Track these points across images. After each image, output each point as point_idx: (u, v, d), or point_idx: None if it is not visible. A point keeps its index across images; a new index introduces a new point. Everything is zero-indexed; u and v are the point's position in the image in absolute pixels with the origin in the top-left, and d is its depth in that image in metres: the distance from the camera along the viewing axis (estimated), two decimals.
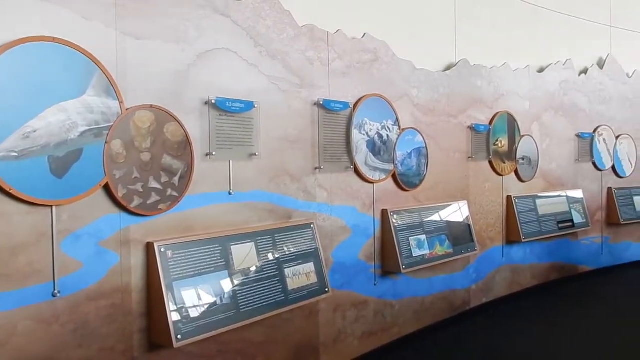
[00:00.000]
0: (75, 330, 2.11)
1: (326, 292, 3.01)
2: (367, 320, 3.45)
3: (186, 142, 2.45)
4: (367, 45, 3.45)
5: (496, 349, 3.71)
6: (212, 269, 2.50)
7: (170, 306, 2.28)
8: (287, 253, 2.86)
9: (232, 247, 2.61)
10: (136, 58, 2.30)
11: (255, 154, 2.76)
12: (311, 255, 2.98)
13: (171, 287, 2.31)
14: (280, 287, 2.77)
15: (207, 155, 2.56)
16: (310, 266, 2.96)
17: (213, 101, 2.56)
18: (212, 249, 2.52)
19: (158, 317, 2.30)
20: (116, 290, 2.24)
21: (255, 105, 2.74)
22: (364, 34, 3.45)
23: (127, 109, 2.24)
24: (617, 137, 5.74)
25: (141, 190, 2.29)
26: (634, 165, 5.96)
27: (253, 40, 2.79)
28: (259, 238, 2.75)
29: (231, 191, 2.68)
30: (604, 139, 5.60)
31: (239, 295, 2.57)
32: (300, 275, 2.89)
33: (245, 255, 2.66)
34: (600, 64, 5.64)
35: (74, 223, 2.10)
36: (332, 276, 3.18)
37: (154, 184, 2.34)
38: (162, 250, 2.33)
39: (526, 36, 4.90)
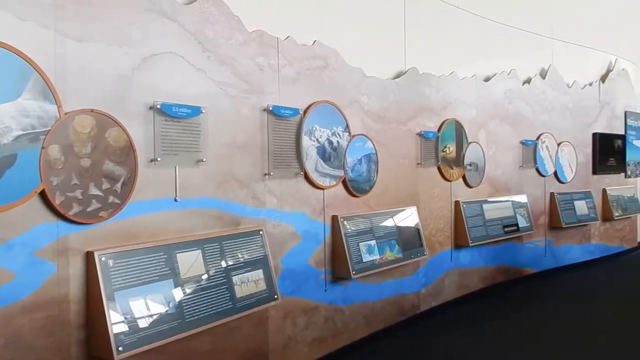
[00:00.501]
0: (7, 345, 2.00)
1: (275, 299, 2.99)
2: (317, 327, 3.45)
3: (129, 148, 2.39)
4: (318, 52, 3.47)
5: (446, 352, 3.78)
6: (156, 278, 2.44)
7: (111, 317, 2.21)
8: (235, 260, 2.82)
9: (177, 255, 2.55)
10: (77, 61, 2.23)
11: (202, 160, 2.72)
12: (260, 262, 2.95)
13: (112, 297, 2.24)
14: (228, 295, 2.73)
15: (151, 161, 2.50)
16: (259, 273, 2.93)
17: (158, 106, 2.51)
18: (156, 258, 2.46)
19: (98, 329, 2.23)
20: (52, 301, 2.15)
21: (203, 111, 2.70)
22: (315, 41, 3.46)
23: (65, 113, 2.16)
24: (558, 145, 5.98)
25: (80, 197, 2.21)
26: (574, 171, 6.22)
27: (201, 44, 2.75)
28: (206, 245, 2.71)
29: (177, 198, 2.63)
30: (547, 146, 5.82)
31: (184, 304, 2.52)
32: (248, 283, 2.86)
33: (191, 263, 2.61)
34: (543, 74, 5.88)
35: (6, 232, 2.01)
36: (281, 283, 3.16)
37: (94, 191, 2.26)
38: (103, 259, 2.25)
39: (473, 46, 5.04)
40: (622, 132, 7.19)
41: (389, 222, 3.91)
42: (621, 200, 6.99)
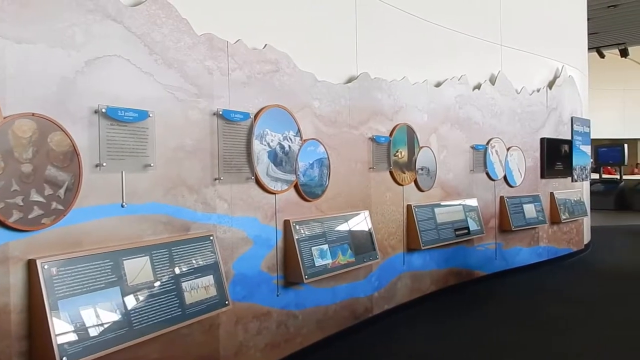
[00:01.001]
0: None
1: (226, 305, 3.03)
2: (269, 332, 3.51)
3: (73, 153, 2.39)
4: (268, 56, 3.54)
5: (398, 355, 3.91)
6: (102, 285, 2.44)
7: (55, 326, 2.20)
8: (184, 266, 2.85)
9: (124, 262, 2.56)
10: (16, 64, 2.22)
11: (150, 165, 2.74)
12: (210, 268, 2.99)
13: (56, 306, 2.23)
14: (177, 301, 2.76)
15: (96, 166, 2.51)
16: (209, 279, 2.97)
17: (103, 110, 2.52)
18: (102, 265, 2.47)
19: (41, 339, 2.21)
20: None
21: (150, 115, 2.72)
22: (265, 44, 3.53)
23: (4, 118, 2.15)
24: (507, 149, 6.26)
25: (21, 203, 2.20)
26: (523, 175, 6.52)
27: (148, 47, 2.78)
28: (155, 252, 2.73)
29: (124, 203, 2.64)
30: (496, 151, 6.08)
31: (132, 311, 2.53)
32: (198, 289, 2.89)
33: (139, 270, 2.62)
34: (492, 80, 6.14)
35: None
36: (232, 288, 3.20)
37: (36, 197, 2.25)
38: (46, 267, 2.25)
39: (424, 52, 5.24)
40: (569, 137, 7.58)
41: (341, 226, 4.01)
42: (568, 204, 7.36)
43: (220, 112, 3.14)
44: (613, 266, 7.12)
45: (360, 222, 4.23)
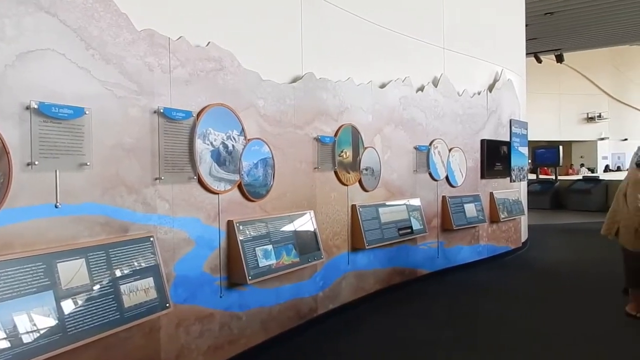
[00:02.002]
0: None
1: (167, 307, 3.00)
2: (212, 334, 3.49)
3: (2, 150, 2.30)
4: (212, 53, 3.51)
5: (343, 354, 3.97)
6: (34, 289, 2.36)
7: None
8: (123, 269, 2.80)
9: (58, 264, 2.49)
10: None
11: (86, 164, 2.67)
12: (150, 270, 2.94)
13: None
14: (115, 305, 2.70)
15: (28, 165, 2.42)
16: (149, 281, 2.92)
17: (35, 106, 2.43)
18: (34, 268, 2.39)
19: None
20: None
21: (87, 112, 2.65)
22: (209, 42, 3.51)
23: None
24: (450, 150, 6.46)
25: None
26: (464, 175, 6.76)
27: (84, 42, 2.70)
28: (91, 254, 2.66)
29: (58, 204, 2.56)
30: (439, 152, 6.28)
31: (66, 316, 2.46)
32: (137, 292, 2.84)
33: (74, 273, 2.55)
34: (435, 83, 6.33)
35: None
36: (174, 290, 3.17)
37: None
38: None
39: (369, 53, 5.34)
40: (508, 139, 7.91)
41: (285, 227, 4.03)
42: (507, 203, 7.68)
43: (162, 110, 3.10)
44: (548, 263, 7.51)
45: (305, 222, 4.27)
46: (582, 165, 23.18)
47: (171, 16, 3.32)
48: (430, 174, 6.15)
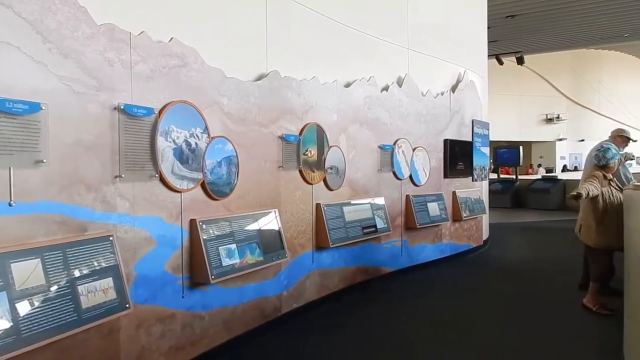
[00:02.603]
0: None
1: (127, 308, 2.94)
2: (174, 335, 3.44)
3: None
4: (175, 50, 3.47)
5: (307, 353, 3.98)
6: None
7: None
8: (81, 269, 2.73)
9: (12, 264, 2.42)
10: None
11: (42, 161, 2.59)
12: (110, 270, 2.89)
13: None
14: (73, 306, 2.64)
15: None
16: (108, 282, 2.86)
17: None
18: None
19: None
20: None
21: (43, 107, 2.58)
22: (172, 38, 3.46)
23: None
24: (413, 150, 6.55)
25: None
26: (427, 174, 6.86)
27: (41, 35, 2.63)
28: (47, 254, 2.59)
29: (12, 202, 2.48)
30: (403, 151, 6.36)
31: (21, 318, 2.39)
32: (96, 292, 2.78)
33: (29, 273, 2.48)
34: (400, 83, 6.40)
35: None
36: (134, 291, 3.12)
37: None
38: None
39: (334, 52, 5.36)
40: (470, 139, 8.07)
41: (249, 225, 4.01)
42: (469, 202, 7.84)
43: (122, 107, 3.04)
44: (508, 260, 7.69)
45: (269, 221, 4.26)
46: (539, 165, 23.84)
47: (133, 11, 3.26)
48: (394, 173, 6.22)
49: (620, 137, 5.93)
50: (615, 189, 4.78)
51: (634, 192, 3.79)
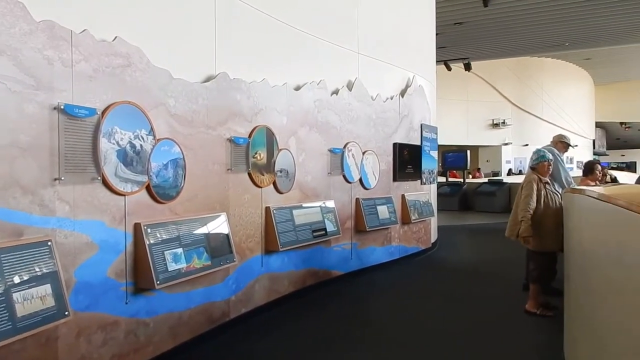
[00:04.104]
0: None
1: (66, 315, 2.86)
2: (117, 342, 3.36)
3: None
4: (119, 49, 3.39)
5: (254, 358, 3.97)
6: None
7: None
8: (16, 275, 2.63)
9: None
10: None
11: None
12: (48, 276, 2.79)
13: None
14: (7, 314, 2.54)
15: None
16: (46, 288, 2.77)
17: None
18: None
19: None
20: None
21: None
22: (116, 37, 3.39)
23: None
24: (363, 153, 6.65)
25: None
26: (377, 178, 6.97)
27: None
28: None
29: None
30: (353, 154, 6.43)
31: None
32: (33, 300, 2.68)
33: None
34: (350, 87, 6.48)
35: None
36: (74, 297, 3.03)
37: None
38: None
39: (285, 55, 5.38)
40: (419, 143, 8.25)
41: (197, 229, 3.97)
42: (417, 205, 8.01)
43: (62, 107, 2.95)
44: (456, 262, 7.92)
45: (217, 225, 4.22)
46: (478, 169, 24.60)
47: (75, 8, 3.18)
48: (344, 177, 6.29)
49: (561, 143, 6.22)
50: (552, 191, 4.99)
51: (573, 194, 3.98)
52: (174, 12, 4.00)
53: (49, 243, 2.84)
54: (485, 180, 18.06)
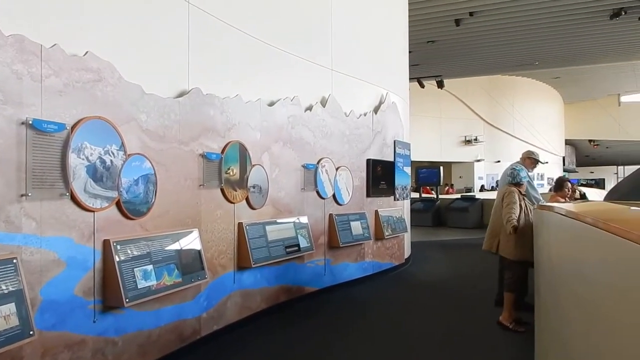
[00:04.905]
0: None
1: (31, 335, 2.80)
2: None
3: None
4: (90, 64, 3.39)
5: None
6: None
7: None
8: None
9: None
10: None
11: None
12: (12, 295, 2.74)
13: None
14: None
15: None
16: (10, 307, 2.71)
17: None
18: None
19: None
20: None
21: None
22: (87, 52, 3.38)
23: None
24: (337, 169, 6.70)
25: None
26: (350, 193, 7.02)
27: None
28: None
29: None
30: (326, 170, 6.48)
31: None
32: None
33: None
34: (323, 103, 6.55)
35: None
36: (40, 316, 2.98)
37: None
38: None
39: (258, 71, 5.42)
40: (392, 159, 8.35)
41: (168, 246, 3.94)
42: (391, 221, 8.08)
43: (31, 122, 2.92)
44: (429, 278, 8.00)
45: (189, 241, 4.20)
46: (446, 184, 24.93)
47: (45, 23, 3.16)
48: (317, 192, 6.32)
49: (530, 159, 6.37)
50: (529, 204, 5.14)
51: (542, 211, 4.09)
52: (147, 27, 4.01)
53: (14, 261, 2.79)
54: (458, 196, 18.30)
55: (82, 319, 3.29)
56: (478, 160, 26.34)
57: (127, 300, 3.45)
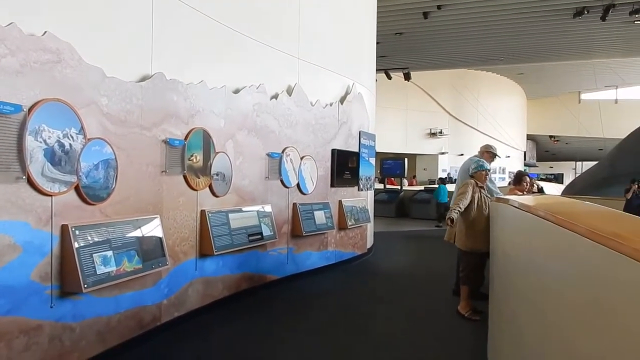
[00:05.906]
0: None
1: None
2: (40, 348, 3.27)
3: None
4: (48, 44, 3.32)
5: None
6: None
7: None
8: None
9: None
10: None
11: None
12: None
13: None
14: None
15: None
16: None
17: None
18: None
19: None
20: None
21: None
22: (45, 31, 3.31)
23: None
24: (301, 158, 6.73)
25: None
26: (315, 183, 7.08)
27: None
28: None
29: None
30: (291, 159, 6.51)
31: None
32: None
33: None
34: (289, 92, 6.56)
35: None
36: None
37: None
38: None
39: (224, 58, 5.39)
40: (357, 150, 8.43)
41: (128, 232, 3.91)
42: (354, 211, 8.18)
43: None
44: (391, 267, 8.16)
45: (150, 228, 4.18)
46: (413, 176, 25.32)
47: (2, 1, 3.08)
48: (282, 181, 6.35)
49: (488, 153, 6.53)
50: (485, 195, 5.29)
51: (498, 203, 4.23)
52: (109, 9, 3.94)
53: None
54: (422, 188, 18.59)
55: (38, 305, 3.25)
56: (442, 153, 26.76)
57: (85, 285, 3.42)
